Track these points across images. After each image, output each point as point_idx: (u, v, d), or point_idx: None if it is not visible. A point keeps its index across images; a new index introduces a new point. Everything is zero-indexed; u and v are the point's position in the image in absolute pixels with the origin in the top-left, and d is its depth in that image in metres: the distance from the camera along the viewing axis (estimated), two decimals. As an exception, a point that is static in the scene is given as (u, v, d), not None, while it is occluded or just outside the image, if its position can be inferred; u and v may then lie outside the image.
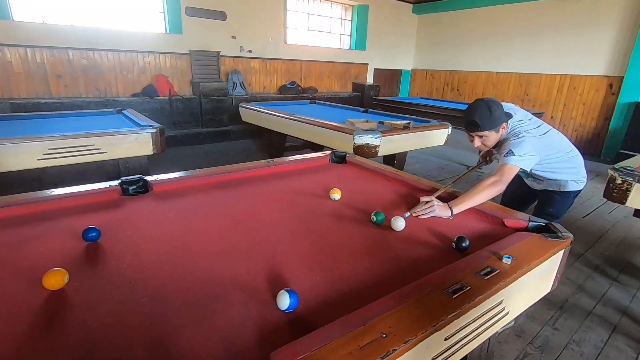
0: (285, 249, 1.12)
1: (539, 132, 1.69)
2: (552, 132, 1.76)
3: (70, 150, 2.44)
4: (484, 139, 1.69)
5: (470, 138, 1.75)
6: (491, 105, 1.61)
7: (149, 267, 0.99)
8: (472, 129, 1.68)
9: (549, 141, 1.72)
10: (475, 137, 1.71)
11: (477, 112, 1.61)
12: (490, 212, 1.39)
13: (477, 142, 1.72)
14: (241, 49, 6.25)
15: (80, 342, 0.72)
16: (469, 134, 1.73)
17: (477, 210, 1.41)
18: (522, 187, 2.04)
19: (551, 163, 1.76)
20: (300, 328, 0.78)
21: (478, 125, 1.62)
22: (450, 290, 0.87)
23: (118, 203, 1.42)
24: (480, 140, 1.71)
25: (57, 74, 4.74)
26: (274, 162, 1.95)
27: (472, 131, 1.69)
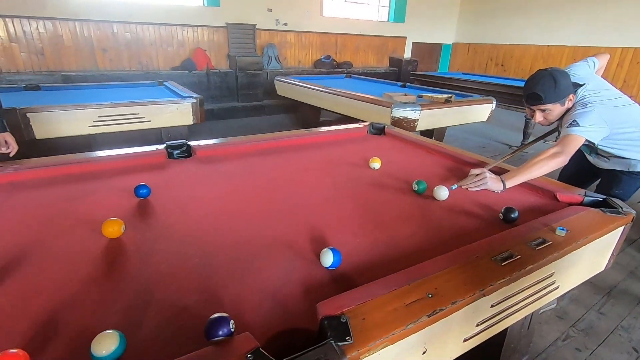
0: (325, 213, 1.13)
1: (615, 103, 1.50)
2: (633, 106, 1.55)
3: (118, 118, 2.56)
4: (546, 113, 1.52)
5: (530, 113, 1.58)
6: (556, 75, 1.44)
7: (195, 224, 1.03)
8: (533, 103, 1.51)
9: (624, 114, 1.52)
10: (537, 112, 1.54)
11: (540, 84, 1.45)
12: (541, 185, 1.31)
13: (538, 116, 1.55)
14: (277, 22, 6.18)
15: (139, 285, 0.77)
16: (529, 107, 1.56)
17: (526, 184, 1.34)
18: (583, 163, 1.84)
19: (623, 140, 1.56)
20: (344, 285, 0.79)
21: (540, 98, 1.46)
22: (498, 257, 0.83)
23: (164, 165, 1.48)
24: (542, 115, 1.53)
25: (103, 48, 4.93)
26: (313, 132, 1.94)
27: (532, 105, 1.52)
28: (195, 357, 0.56)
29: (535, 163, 1.34)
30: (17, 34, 4.40)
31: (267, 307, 0.72)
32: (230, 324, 0.62)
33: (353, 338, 0.59)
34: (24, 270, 0.80)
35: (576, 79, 1.52)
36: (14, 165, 1.31)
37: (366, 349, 0.59)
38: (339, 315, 0.63)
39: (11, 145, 1.76)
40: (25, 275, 0.79)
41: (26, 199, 1.14)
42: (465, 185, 1.33)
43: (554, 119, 1.56)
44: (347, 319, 0.63)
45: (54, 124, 2.35)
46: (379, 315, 0.65)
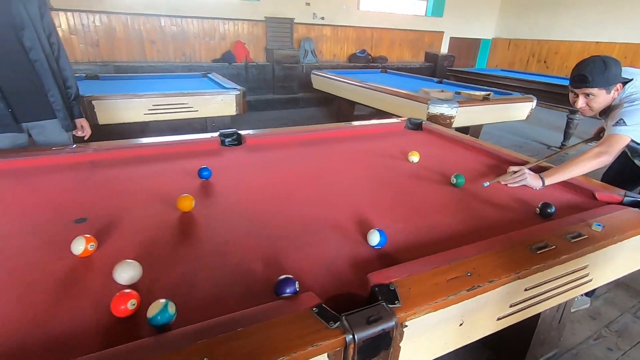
0: (367, 201, 1.22)
1: None
2: None
3: (170, 107, 2.76)
4: (590, 98, 1.44)
5: (573, 97, 1.51)
6: (607, 61, 1.39)
7: (252, 204, 1.16)
8: (579, 85, 1.44)
9: None
10: (580, 96, 1.45)
11: (589, 66, 1.40)
12: (579, 184, 1.34)
13: (580, 101, 1.47)
14: (314, 16, 6.26)
15: (211, 250, 0.90)
16: (573, 91, 1.49)
17: (565, 182, 1.36)
18: (627, 165, 1.77)
19: None
20: (388, 262, 0.88)
21: (587, 80, 1.39)
22: (534, 247, 0.90)
23: (218, 152, 1.62)
24: (586, 100, 1.45)
25: (152, 40, 5.23)
26: (352, 125, 2.03)
27: (578, 87, 1.45)
28: (270, 307, 0.68)
29: (577, 162, 1.35)
30: (76, 26, 4.76)
31: (323, 275, 0.83)
32: (296, 284, 0.73)
33: (401, 303, 0.69)
34: (118, 233, 0.96)
35: (626, 74, 1.47)
36: (93, 147, 1.50)
37: (412, 312, 0.68)
38: (387, 284, 0.73)
39: (86, 129, 1.98)
40: (121, 236, 0.94)
41: (106, 176, 1.32)
42: (504, 181, 1.37)
43: (596, 108, 1.49)
44: (395, 287, 0.72)
45: (114, 110, 2.58)
46: (423, 287, 0.74)
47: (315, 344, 0.60)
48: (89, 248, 0.84)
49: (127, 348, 0.58)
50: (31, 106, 1.73)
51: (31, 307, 0.70)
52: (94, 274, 0.80)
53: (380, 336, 0.65)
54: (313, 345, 0.60)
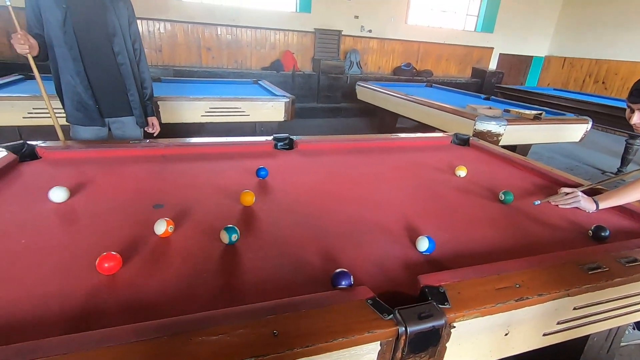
0: (414, 209, 1.27)
1: None
2: None
3: (224, 110, 2.95)
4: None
5: (629, 113, 1.44)
6: None
7: (306, 203, 1.25)
8: (636, 100, 1.36)
9: None
10: (637, 111, 1.39)
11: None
12: (636, 209, 1.30)
13: (636, 117, 1.39)
14: (362, 29, 6.39)
15: (272, 241, 1.00)
16: (630, 106, 1.42)
17: (621, 207, 1.33)
18: None
19: None
20: (437, 268, 0.93)
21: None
22: (585, 267, 0.90)
23: (273, 154, 1.74)
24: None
25: (208, 47, 5.59)
26: (398, 137, 2.08)
27: (635, 102, 1.38)
28: (329, 296, 0.75)
29: (635, 187, 1.31)
30: (143, 33, 5.20)
31: (375, 273, 0.89)
32: (351, 278, 0.80)
33: (451, 304, 0.74)
34: (191, 219, 1.08)
35: None
36: (164, 143, 1.67)
37: (461, 314, 0.73)
38: (437, 286, 0.78)
39: (155, 126, 2.18)
40: (193, 222, 1.06)
41: (176, 169, 1.47)
42: (554, 202, 1.36)
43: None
44: (445, 290, 0.77)
45: (176, 111, 2.81)
46: (473, 292, 0.78)
47: (371, 331, 0.66)
48: (169, 230, 0.96)
49: (204, 315, 0.68)
50: (114, 104, 1.96)
51: (125, 275, 0.83)
52: (173, 251, 0.92)
53: (430, 332, 0.70)
54: (369, 332, 0.66)
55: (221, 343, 0.61)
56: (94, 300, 0.74)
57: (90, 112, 1.93)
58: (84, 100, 1.90)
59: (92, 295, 0.76)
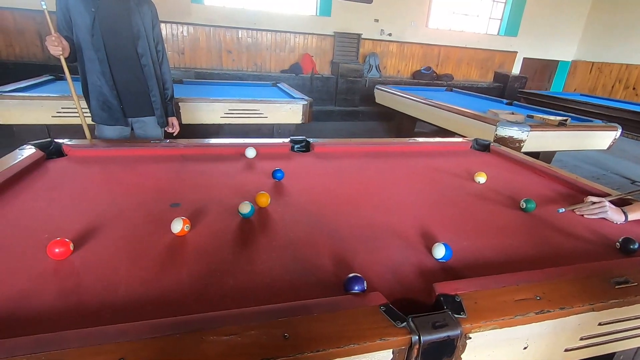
0: (431, 215, 1.24)
1: None
2: None
3: (243, 112, 2.99)
4: None
5: None
6: None
7: (321, 206, 1.24)
8: None
9: None
10: None
11: None
12: (670, 223, 1.23)
13: None
14: (381, 32, 6.36)
15: (286, 243, 0.99)
16: None
17: (652, 219, 1.26)
18: None
19: None
20: (453, 276, 0.90)
21: None
22: (612, 280, 0.86)
23: (290, 156, 1.74)
24: None
25: (228, 50, 5.69)
26: (417, 141, 2.05)
27: None
28: (341, 300, 0.74)
29: None
30: (166, 35, 5.34)
31: (389, 279, 0.87)
32: (364, 283, 0.79)
33: (467, 314, 0.71)
34: (207, 219, 1.09)
35: None
36: (183, 143, 1.70)
37: (478, 325, 0.70)
38: (453, 295, 0.76)
39: (175, 127, 2.23)
40: (209, 222, 1.07)
41: (195, 169, 1.49)
42: (579, 211, 1.31)
43: None
44: (461, 299, 0.75)
45: (196, 112, 2.86)
46: (490, 303, 0.75)
47: (384, 338, 0.65)
48: (185, 229, 0.97)
49: (216, 315, 0.68)
50: (137, 104, 2.01)
51: (141, 271, 0.84)
52: (188, 250, 0.93)
53: (444, 342, 0.68)
54: (382, 339, 0.65)
55: (232, 343, 0.61)
56: (108, 295, 0.76)
57: (114, 111, 1.99)
58: (109, 101, 1.96)
59: (106, 290, 0.77)
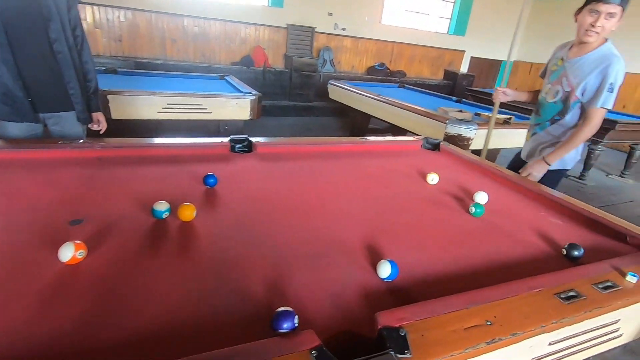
0: (380, 224, 1.15)
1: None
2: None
3: (184, 107, 2.74)
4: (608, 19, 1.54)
5: (591, 17, 1.57)
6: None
7: (258, 217, 1.09)
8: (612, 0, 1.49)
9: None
10: (602, 15, 1.53)
11: None
12: (609, 224, 1.24)
13: (601, 20, 1.54)
14: (335, 26, 6.27)
15: (209, 268, 0.84)
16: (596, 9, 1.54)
17: (594, 222, 1.27)
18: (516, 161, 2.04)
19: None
20: (400, 297, 0.81)
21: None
22: (562, 295, 0.81)
23: (228, 158, 1.57)
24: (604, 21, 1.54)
25: (173, 39, 5.28)
26: (367, 140, 1.96)
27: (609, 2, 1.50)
28: (262, 346, 0.60)
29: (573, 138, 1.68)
30: (101, 20, 4.83)
31: (327, 307, 0.75)
32: (295, 319, 0.66)
33: (412, 353, 0.61)
34: (111, 239, 0.90)
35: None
36: (101, 143, 1.46)
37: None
38: (397, 328, 0.65)
39: (102, 123, 1.96)
40: (113, 243, 0.89)
41: (111, 175, 1.27)
42: None
43: (608, 29, 1.58)
44: (405, 333, 0.65)
45: (128, 106, 2.56)
46: (438, 335, 0.66)
47: (312, 397, 0.52)
48: (78, 256, 0.78)
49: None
50: (51, 97, 1.73)
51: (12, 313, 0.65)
52: (81, 282, 0.74)
53: (386, 392, 0.57)
54: (310, 398, 0.52)
55: None
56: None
57: (19, 106, 1.68)
58: (12, 93, 1.65)
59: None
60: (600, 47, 1.65)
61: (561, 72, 1.76)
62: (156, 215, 0.98)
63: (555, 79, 1.79)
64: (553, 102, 1.79)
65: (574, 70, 1.69)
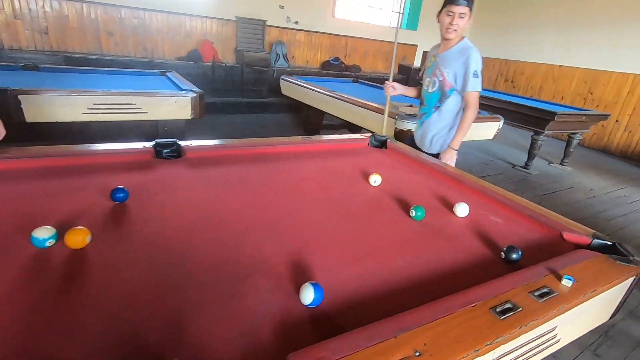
0: (316, 235, 1.05)
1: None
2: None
3: (113, 107, 2.47)
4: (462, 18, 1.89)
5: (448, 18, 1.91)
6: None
7: (174, 237, 0.95)
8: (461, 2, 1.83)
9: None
10: (456, 15, 1.88)
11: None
12: (546, 221, 1.23)
13: (456, 19, 1.88)
14: (287, 20, 6.10)
15: (98, 306, 0.69)
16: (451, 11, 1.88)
17: (531, 219, 1.25)
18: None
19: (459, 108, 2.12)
20: (323, 328, 0.71)
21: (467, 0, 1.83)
22: (498, 309, 0.75)
23: (150, 165, 1.39)
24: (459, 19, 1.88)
25: (109, 32, 4.85)
26: (311, 140, 1.86)
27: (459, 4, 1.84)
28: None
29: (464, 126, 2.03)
30: (22, 10, 4.32)
31: (237, 349, 0.63)
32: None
33: (325, 405, 0.51)
34: (-30, 282, 0.72)
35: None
36: (-13, 154, 1.23)
37: (339, 421, 0.51)
38: (312, 374, 0.55)
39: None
40: (-29, 287, 0.71)
41: None
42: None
43: (462, 28, 1.95)
44: (321, 379, 0.55)
45: (46, 107, 2.27)
46: (359, 377, 0.57)
47: None
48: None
49: None
50: None
51: None
52: None
53: None
54: None
55: None
56: None
57: None
58: None
59: None
60: (459, 42, 2.02)
61: (434, 66, 2.11)
62: (36, 244, 0.80)
63: (431, 72, 2.14)
64: (433, 92, 2.14)
65: (443, 62, 2.05)
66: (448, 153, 2.07)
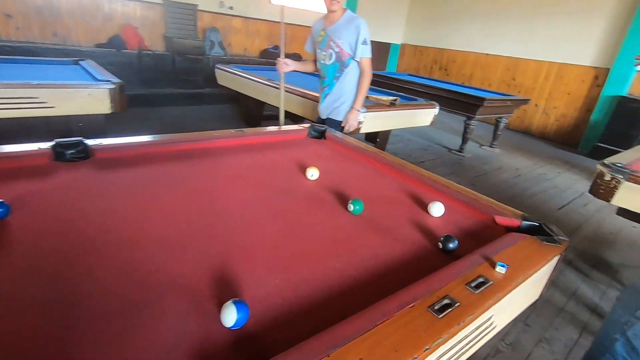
0: (245, 240, 0.94)
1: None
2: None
3: (10, 102, 2.10)
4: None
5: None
6: None
7: (69, 257, 0.79)
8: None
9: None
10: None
11: None
12: (480, 207, 1.25)
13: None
14: (221, 5, 5.75)
15: (-60, 369, 0.53)
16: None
17: (466, 204, 1.27)
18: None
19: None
20: (249, 352, 0.62)
21: None
22: (436, 306, 0.72)
23: (47, 171, 1.17)
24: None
25: (7, 13, 4.18)
26: (244, 133, 1.73)
27: None
28: None
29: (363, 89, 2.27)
30: None
31: (134, 400, 0.52)
32: None
33: None
34: None
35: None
36: None
37: None
38: (228, 418, 0.46)
39: None
40: None
41: None
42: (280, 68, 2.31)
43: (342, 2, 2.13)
44: None
45: None
46: (284, 413, 0.48)
47: None
48: None
49: None
50: None
51: None
52: None
53: None
54: None
55: None
56: None
57: None
58: None
59: None
60: (344, 14, 2.18)
61: (327, 39, 2.22)
62: None
63: (325, 45, 2.25)
64: (331, 64, 2.26)
65: (335, 33, 2.17)
66: (353, 113, 2.31)
